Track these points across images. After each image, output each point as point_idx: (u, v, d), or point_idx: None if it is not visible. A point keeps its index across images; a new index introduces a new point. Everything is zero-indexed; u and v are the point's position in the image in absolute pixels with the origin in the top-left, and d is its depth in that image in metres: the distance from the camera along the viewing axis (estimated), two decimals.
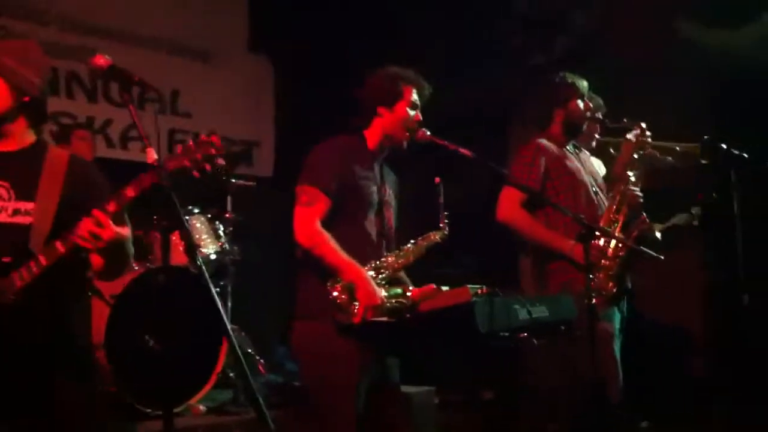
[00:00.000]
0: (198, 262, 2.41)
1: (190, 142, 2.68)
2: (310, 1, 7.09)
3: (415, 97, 3.53)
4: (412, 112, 3.52)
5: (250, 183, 5.89)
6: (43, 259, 2.65)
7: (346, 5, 7.11)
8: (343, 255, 3.26)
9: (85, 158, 4.92)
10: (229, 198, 5.58)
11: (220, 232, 5.41)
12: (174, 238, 4.72)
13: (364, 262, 3.31)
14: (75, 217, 2.68)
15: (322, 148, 3.48)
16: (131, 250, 2.87)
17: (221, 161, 2.68)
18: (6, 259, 2.65)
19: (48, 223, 2.73)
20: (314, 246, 3.29)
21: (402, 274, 3.52)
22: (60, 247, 2.64)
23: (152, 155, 2.54)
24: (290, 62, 7.42)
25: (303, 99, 7.30)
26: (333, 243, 3.28)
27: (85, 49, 6.27)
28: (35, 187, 2.75)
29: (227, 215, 5.52)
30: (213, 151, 2.65)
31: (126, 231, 2.80)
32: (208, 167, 2.66)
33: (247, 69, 7.47)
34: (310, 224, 3.31)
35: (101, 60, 2.66)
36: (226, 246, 5.38)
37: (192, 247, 2.50)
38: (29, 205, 2.73)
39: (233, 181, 5.64)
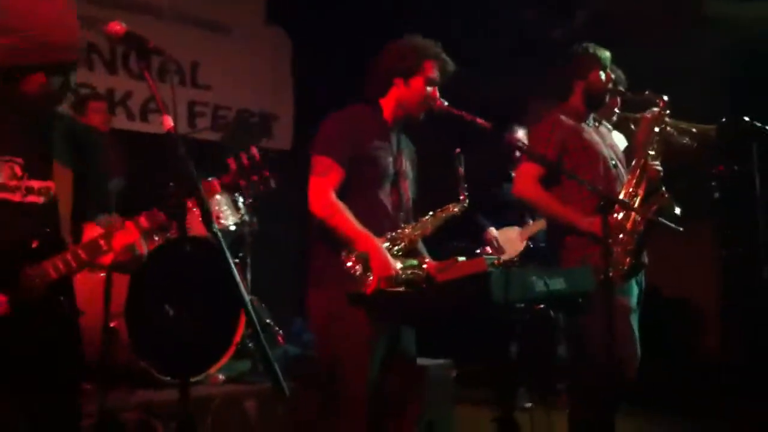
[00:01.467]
0: (214, 231, 2.40)
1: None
2: None
3: (434, 73, 3.48)
4: (429, 88, 3.48)
5: (271, 156, 5.90)
6: (83, 254, 2.55)
7: None
8: (358, 225, 3.26)
9: (99, 129, 4.92)
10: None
11: (239, 204, 5.43)
12: (193, 207, 4.74)
13: (379, 234, 3.31)
14: (87, 195, 2.65)
15: (335, 118, 3.47)
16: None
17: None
18: (35, 244, 2.54)
19: (68, 204, 2.63)
20: (328, 216, 3.29)
21: (420, 246, 3.52)
22: (104, 244, 2.55)
23: (168, 122, 2.49)
24: (308, 34, 7.40)
25: (321, 71, 7.28)
26: (347, 213, 3.28)
27: (102, 20, 6.24)
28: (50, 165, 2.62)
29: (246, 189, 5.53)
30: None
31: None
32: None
33: (265, 41, 7.46)
34: (324, 194, 3.31)
35: (117, 26, 2.60)
36: (245, 218, 5.40)
37: (208, 215, 2.49)
38: (46, 184, 2.61)
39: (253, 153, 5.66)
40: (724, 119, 4.30)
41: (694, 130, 4.34)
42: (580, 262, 3.87)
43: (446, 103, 3.50)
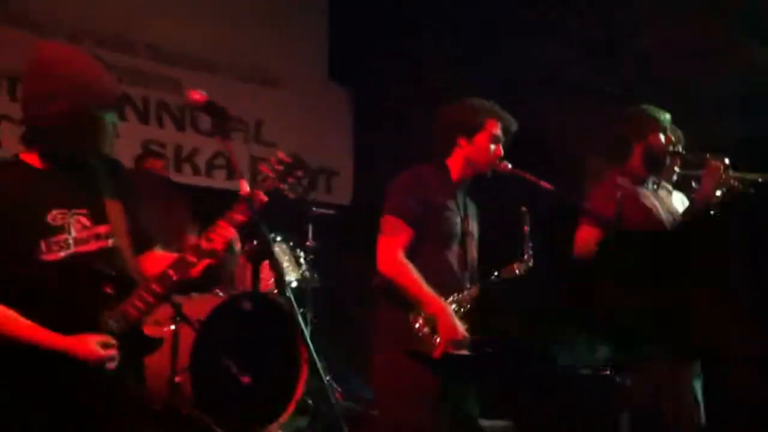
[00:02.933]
0: (287, 294, 2.47)
1: (271, 161, 2.74)
2: (389, 29, 7.18)
3: (497, 131, 3.55)
4: (492, 146, 3.54)
5: (330, 211, 6.02)
6: (156, 287, 2.64)
7: (425, 34, 7.18)
8: (426, 287, 3.29)
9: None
10: (310, 226, 5.70)
11: (301, 260, 5.52)
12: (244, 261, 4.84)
13: (446, 294, 3.34)
14: (143, 232, 2.76)
15: (404, 178, 3.53)
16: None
17: (300, 173, 2.73)
18: (108, 290, 2.63)
19: (127, 244, 2.74)
20: (397, 276, 3.34)
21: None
22: (173, 274, 2.65)
23: (245, 187, 2.62)
24: (369, 90, 7.53)
25: (382, 127, 7.39)
26: (415, 273, 3.32)
27: (173, 79, 6.53)
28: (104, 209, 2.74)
29: (308, 243, 5.63)
30: (293, 168, 2.72)
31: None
32: (291, 180, 2.73)
33: (326, 97, 7.61)
34: (393, 254, 3.36)
35: (197, 95, 2.73)
36: (306, 273, 5.48)
37: (282, 279, 2.58)
38: (108, 227, 2.72)
39: (314, 209, 5.78)
40: None
41: (761, 180, 4.29)
42: None
43: (510, 165, 3.55)
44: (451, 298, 3.36)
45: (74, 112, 2.60)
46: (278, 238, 5.46)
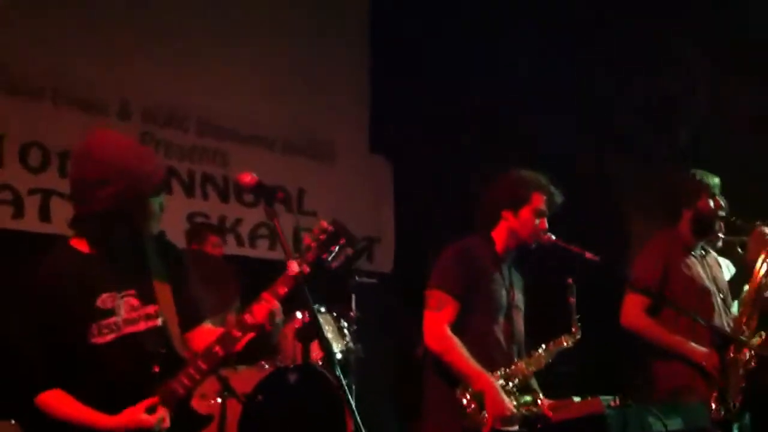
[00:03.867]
0: (337, 374, 2.48)
1: (315, 231, 2.78)
2: (427, 103, 7.30)
3: (542, 204, 3.56)
4: (537, 219, 3.55)
5: (372, 280, 6.04)
6: (203, 364, 2.68)
7: (464, 106, 7.28)
8: (472, 362, 3.29)
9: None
10: (353, 296, 5.72)
11: (345, 331, 5.51)
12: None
13: (493, 369, 3.33)
14: (190, 309, 2.81)
15: (450, 251, 3.54)
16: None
17: (343, 242, 2.77)
18: (156, 369, 2.70)
19: (175, 321, 2.80)
20: (444, 351, 3.33)
21: (533, 381, 3.51)
22: (219, 350, 2.68)
23: (294, 268, 2.65)
24: (410, 160, 7.61)
25: (422, 196, 7.45)
26: (462, 349, 3.32)
27: (219, 152, 6.67)
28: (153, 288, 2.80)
29: (351, 313, 5.64)
30: (336, 237, 2.76)
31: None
32: (333, 249, 2.75)
33: (368, 168, 7.69)
34: (440, 329, 3.36)
35: (248, 177, 2.80)
36: (350, 344, 5.47)
37: (331, 355, 2.59)
38: (157, 306, 2.78)
39: (356, 278, 5.80)
40: None
41: None
42: (671, 394, 3.82)
43: (554, 237, 3.56)
44: (498, 373, 3.35)
45: (122, 198, 2.68)
46: (322, 309, 5.48)
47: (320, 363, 4.73)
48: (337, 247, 2.77)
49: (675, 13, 6.53)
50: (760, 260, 4.06)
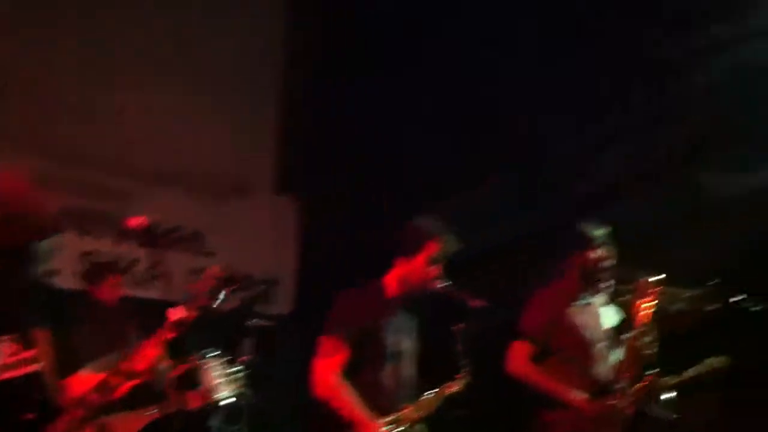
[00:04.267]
0: (216, 422, 2.44)
1: (203, 278, 2.76)
2: (333, 145, 7.33)
3: (436, 252, 3.60)
4: (430, 266, 3.59)
5: (269, 323, 5.97)
6: (80, 411, 2.67)
7: (366, 153, 7.34)
8: (359, 408, 3.32)
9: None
10: (247, 340, 5.63)
11: (236, 376, 5.41)
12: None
13: (382, 414, 3.37)
14: (69, 355, 2.74)
15: (344, 298, 3.56)
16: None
17: (234, 287, 2.76)
18: (31, 415, 2.64)
19: (53, 368, 2.74)
20: (332, 398, 3.36)
21: (422, 426, 3.54)
22: (96, 398, 2.68)
23: (178, 314, 2.63)
24: (313, 202, 7.61)
25: (325, 238, 7.45)
26: (349, 395, 3.34)
27: (118, 191, 6.56)
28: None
29: (244, 358, 5.55)
30: (225, 283, 2.73)
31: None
32: (222, 295, 2.75)
33: (271, 209, 7.67)
34: (329, 375, 3.39)
35: (137, 221, 2.78)
36: (242, 390, 5.37)
37: (211, 404, 2.56)
38: (34, 351, 2.73)
39: (251, 321, 5.72)
40: (712, 283, 4.37)
41: (686, 295, 4.41)
42: None
43: (443, 284, 3.59)
44: (387, 419, 3.35)
45: (5, 241, 2.63)
46: (212, 354, 5.37)
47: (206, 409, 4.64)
48: (225, 293, 2.76)
49: None
50: (640, 309, 4.18)
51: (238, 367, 5.46)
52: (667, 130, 6.71)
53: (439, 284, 3.61)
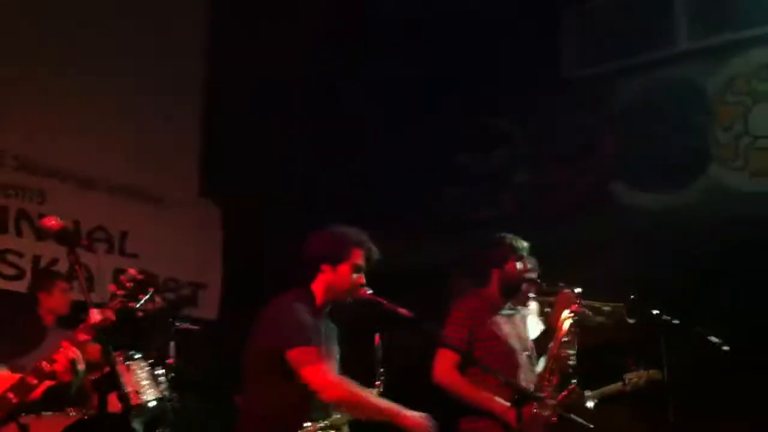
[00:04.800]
0: (136, 425, 2.45)
1: (122, 279, 2.75)
2: (258, 150, 7.32)
3: (360, 260, 3.64)
4: (355, 275, 3.63)
5: (195, 327, 5.93)
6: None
7: (289, 156, 7.36)
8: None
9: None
10: (172, 343, 5.59)
11: (161, 379, 5.37)
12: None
13: (311, 420, 3.42)
14: None
15: (291, 308, 3.54)
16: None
17: (152, 289, 2.75)
18: None
19: None
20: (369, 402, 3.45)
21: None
22: (12, 397, 2.60)
23: (95, 316, 2.61)
24: (238, 208, 7.59)
25: (250, 243, 7.43)
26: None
27: (37, 190, 6.43)
28: None
29: (170, 361, 5.51)
30: (144, 286, 2.73)
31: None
32: (142, 297, 2.74)
33: (196, 213, 7.61)
34: (332, 377, 3.44)
35: (52, 221, 2.74)
36: (166, 393, 5.33)
37: (125, 398, 2.56)
38: None
39: (177, 324, 5.68)
40: (632, 297, 4.49)
41: (606, 308, 4.54)
42: None
43: (370, 292, 3.64)
44: (320, 425, 3.43)
45: None
46: (136, 356, 5.32)
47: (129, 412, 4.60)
48: (145, 296, 2.74)
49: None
50: (562, 320, 4.30)
51: (162, 370, 5.43)
52: (583, 152, 6.94)
53: (365, 292, 3.65)
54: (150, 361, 5.41)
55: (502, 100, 7.22)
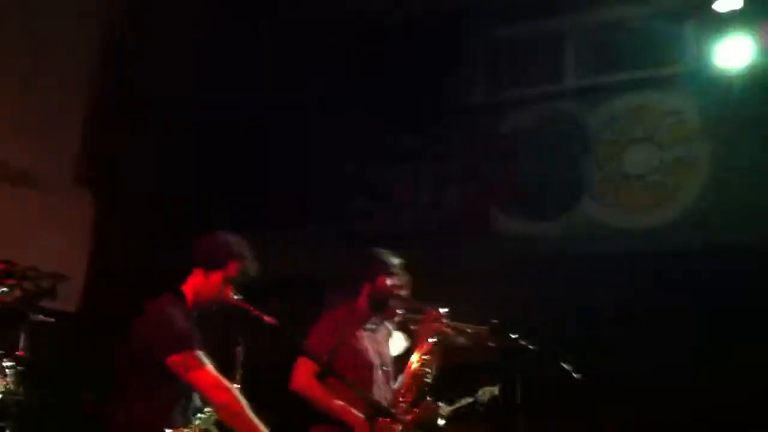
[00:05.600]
0: None
1: None
2: (141, 142, 7.14)
3: (234, 274, 3.62)
4: (225, 285, 3.59)
5: (50, 319, 5.68)
6: None
7: (169, 149, 7.21)
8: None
9: None
10: (23, 335, 5.33)
11: (7, 371, 5.12)
12: None
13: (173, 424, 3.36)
14: None
15: (170, 313, 3.49)
16: None
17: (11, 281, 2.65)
18: None
19: None
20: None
21: None
22: None
23: None
24: (114, 200, 7.36)
25: (122, 238, 7.21)
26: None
27: None
28: None
29: (19, 353, 5.25)
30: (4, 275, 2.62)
31: None
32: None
33: (66, 202, 7.32)
34: (221, 381, 3.41)
35: None
36: (11, 386, 5.08)
37: None
38: None
39: (32, 316, 5.43)
40: (494, 321, 4.57)
41: (469, 330, 4.62)
42: None
43: (236, 297, 3.60)
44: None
45: None
46: None
47: None
48: (3, 288, 2.62)
49: None
50: (424, 339, 4.35)
51: (11, 363, 5.19)
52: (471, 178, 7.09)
53: (232, 296, 3.60)
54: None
55: (411, 119, 7.31)
